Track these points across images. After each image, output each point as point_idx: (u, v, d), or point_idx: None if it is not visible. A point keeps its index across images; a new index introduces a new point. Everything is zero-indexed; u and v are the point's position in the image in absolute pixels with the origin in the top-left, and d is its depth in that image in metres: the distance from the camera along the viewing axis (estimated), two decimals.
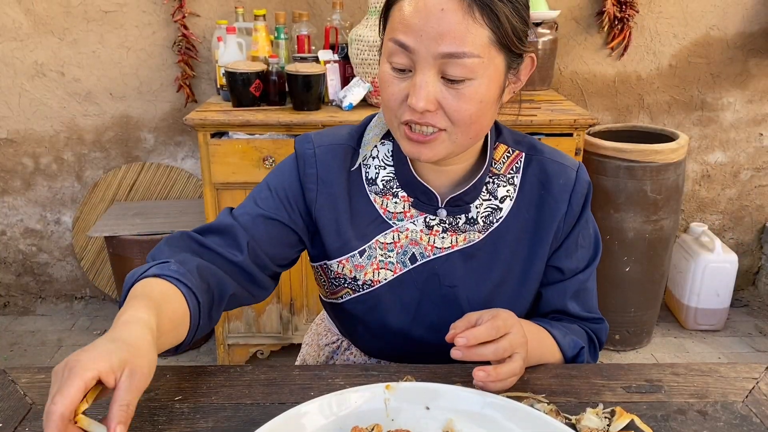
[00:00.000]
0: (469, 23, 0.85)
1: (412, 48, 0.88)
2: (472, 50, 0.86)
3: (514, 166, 1.07)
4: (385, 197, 1.05)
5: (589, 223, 1.10)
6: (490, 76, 0.90)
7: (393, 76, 0.92)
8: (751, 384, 0.97)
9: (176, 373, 0.98)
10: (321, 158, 1.06)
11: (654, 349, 2.76)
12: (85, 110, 2.84)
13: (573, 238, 1.08)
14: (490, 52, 0.88)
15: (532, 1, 2.55)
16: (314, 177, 1.05)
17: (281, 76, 2.36)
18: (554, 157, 1.08)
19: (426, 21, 0.86)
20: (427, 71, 0.88)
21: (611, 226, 2.56)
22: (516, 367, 0.89)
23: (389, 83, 0.93)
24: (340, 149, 1.07)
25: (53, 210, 2.99)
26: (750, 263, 3.19)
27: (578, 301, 1.11)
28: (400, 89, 0.92)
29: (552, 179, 1.06)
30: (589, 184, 1.08)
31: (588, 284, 1.11)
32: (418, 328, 1.09)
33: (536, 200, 1.06)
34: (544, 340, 1.04)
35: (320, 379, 0.97)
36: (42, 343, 2.79)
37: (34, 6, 2.68)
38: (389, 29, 0.92)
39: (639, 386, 0.96)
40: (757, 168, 3.03)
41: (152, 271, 0.91)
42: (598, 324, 1.13)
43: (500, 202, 1.05)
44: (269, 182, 1.08)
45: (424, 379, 0.97)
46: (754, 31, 2.82)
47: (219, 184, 2.26)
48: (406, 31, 0.88)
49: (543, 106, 2.41)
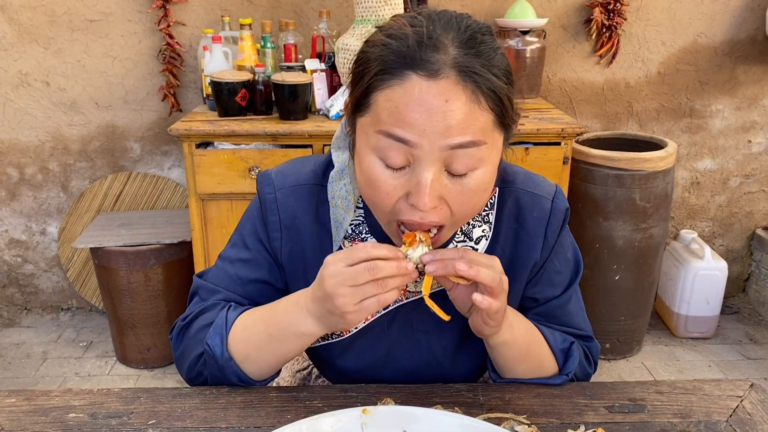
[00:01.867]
0: (475, 110, 0.79)
1: (413, 143, 0.79)
2: (480, 138, 0.80)
3: (489, 203, 1.01)
4: (354, 242, 1.00)
5: (565, 245, 1.05)
6: (493, 160, 0.85)
7: (385, 173, 0.83)
8: (735, 402, 0.95)
9: (151, 396, 0.96)
10: (283, 203, 1.00)
11: (644, 357, 2.75)
12: (71, 120, 2.82)
13: (548, 267, 1.03)
14: (493, 135, 0.83)
15: (519, 9, 2.55)
16: (277, 224, 1.00)
17: (267, 86, 2.34)
18: (527, 186, 1.02)
19: (430, 116, 0.78)
20: (432, 167, 0.80)
21: (600, 234, 2.55)
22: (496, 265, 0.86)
23: (381, 183, 0.83)
24: (304, 190, 1.01)
25: (39, 220, 2.96)
26: (740, 270, 3.19)
27: (554, 321, 1.05)
28: (395, 188, 0.83)
29: (526, 213, 1.01)
30: (566, 211, 1.02)
31: (569, 307, 1.05)
32: (389, 371, 1.05)
33: (511, 236, 1.01)
34: (533, 329, 1.00)
35: (297, 401, 0.95)
36: (27, 355, 2.75)
37: (18, 15, 2.66)
38: (374, 118, 0.82)
39: (622, 405, 0.95)
40: (746, 175, 3.03)
41: (231, 316, 0.96)
42: (587, 342, 1.08)
43: (475, 243, 1.00)
44: (245, 238, 1.04)
45: (404, 400, 0.95)
46: (741, 38, 2.82)
47: (204, 194, 2.24)
48: (404, 125, 0.79)
49: (531, 114, 2.40)
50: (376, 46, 0.83)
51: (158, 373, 2.63)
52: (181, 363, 1.03)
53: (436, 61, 0.78)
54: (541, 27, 2.58)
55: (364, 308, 0.82)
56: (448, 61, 0.79)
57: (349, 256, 0.82)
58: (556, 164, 2.26)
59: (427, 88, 0.78)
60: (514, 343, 0.94)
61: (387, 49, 0.81)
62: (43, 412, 0.93)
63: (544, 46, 2.62)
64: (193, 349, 0.99)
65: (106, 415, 0.92)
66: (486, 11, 2.74)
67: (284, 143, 2.23)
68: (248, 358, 0.95)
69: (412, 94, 0.78)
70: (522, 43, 2.57)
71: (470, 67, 0.79)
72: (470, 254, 0.86)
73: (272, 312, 0.94)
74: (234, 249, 1.05)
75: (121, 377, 2.61)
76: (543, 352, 1.00)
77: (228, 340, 0.94)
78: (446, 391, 0.98)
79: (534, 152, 2.24)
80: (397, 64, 0.79)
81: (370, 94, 0.82)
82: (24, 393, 0.96)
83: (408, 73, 0.79)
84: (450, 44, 0.80)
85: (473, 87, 0.79)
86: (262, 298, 1.03)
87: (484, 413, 0.92)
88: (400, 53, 0.80)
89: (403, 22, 0.83)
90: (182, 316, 1.04)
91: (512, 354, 0.96)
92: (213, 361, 0.95)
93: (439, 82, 0.78)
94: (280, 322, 0.92)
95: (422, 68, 0.78)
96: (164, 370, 2.65)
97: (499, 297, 0.86)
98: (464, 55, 0.80)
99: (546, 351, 1.00)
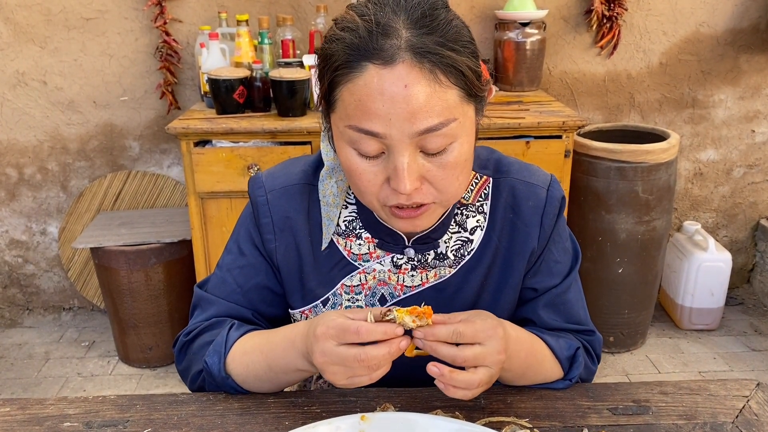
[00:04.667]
0: (437, 90, 0.78)
1: (382, 134, 0.79)
2: (448, 117, 0.80)
3: (483, 192, 1.00)
4: (348, 239, 0.99)
5: (562, 235, 1.03)
6: (467, 131, 0.84)
7: (363, 162, 0.84)
8: (741, 403, 0.94)
9: (147, 403, 0.95)
10: (274, 204, 1.00)
11: (649, 350, 2.73)
12: (69, 119, 2.80)
13: (546, 257, 1.02)
14: (462, 108, 0.82)
15: (519, 1, 2.52)
16: (270, 226, 1.00)
17: (265, 82, 2.32)
18: (522, 176, 1.01)
19: (392, 103, 0.77)
20: (405, 151, 0.80)
21: (603, 227, 2.53)
22: (475, 380, 0.81)
23: (360, 172, 0.84)
24: (295, 190, 1.00)
25: (39, 221, 2.95)
26: (744, 261, 3.17)
27: (555, 312, 1.03)
28: (375, 175, 0.84)
29: (521, 202, 0.99)
30: (561, 200, 1.01)
31: (568, 295, 1.03)
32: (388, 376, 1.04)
33: (507, 226, 1.00)
34: (536, 348, 0.97)
35: (295, 407, 0.93)
36: (29, 356, 2.75)
37: (13, 15, 2.64)
38: (342, 113, 0.82)
39: (626, 407, 0.93)
40: (749, 165, 3.00)
41: (232, 336, 0.95)
42: (588, 336, 1.06)
43: (470, 234, 0.99)
44: (240, 244, 1.03)
45: (404, 404, 0.94)
46: (744, 27, 2.79)
47: (203, 193, 2.23)
48: (370, 117, 0.79)
49: (532, 107, 2.37)
50: (332, 41, 0.82)
51: (161, 372, 2.62)
52: (184, 376, 1.04)
53: (389, 47, 0.78)
54: (541, 18, 2.55)
55: (355, 383, 0.82)
56: (402, 44, 0.78)
57: (339, 335, 0.80)
58: (558, 158, 2.23)
59: (384, 76, 0.77)
60: (509, 369, 0.92)
61: (342, 44, 0.80)
62: (38, 421, 0.91)
63: (544, 37, 2.59)
64: (195, 365, 1.00)
65: (102, 423, 0.91)
66: (485, 3, 2.71)
67: (283, 140, 2.21)
68: (246, 381, 0.95)
69: (371, 84, 0.78)
70: (522, 35, 2.54)
71: (424, 47, 0.78)
72: (463, 329, 0.81)
73: (270, 345, 0.93)
74: (230, 256, 1.04)
75: (124, 377, 2.60)
76: (544, 365, 0.98)
77: (227, 360, 0.95)
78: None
79: (535, 146, 2.22)
80: (353, 57, 0.79)
81: (333, 91, 0.82)
82: (18, 402, 0.95)
83: (365, 64, 0.78)
84: (401, 27, 0.79)
85: (431, 66, 0.78)
86: (263, 305, 1.03)
87: (485, 417, 0.91)
88: (354, 45, 0.79)
89: (354, 12, 0.82)
90: (185, 330, 1.04)
91: (509, 377, 0.95)
92: (211, 379, 0.96)
93: (396, 68, 0.77)
94: (279, 359, 0.91)
95: (377, 57, 0.78)
96: (166, 369, 2.64)
97: (493, 367, 0.83)
98: (417, 35, 0.78)
99: (548, 363, 0.98)
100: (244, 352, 0.95)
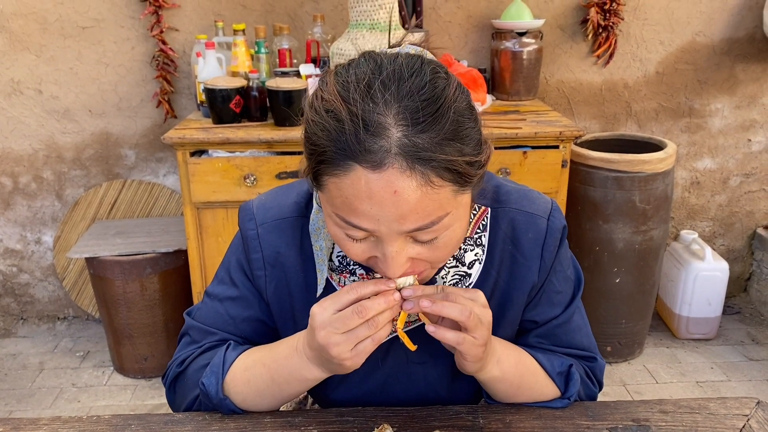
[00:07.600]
0: (429, 192, 0.73)
1: (371, 230, 0.77)
2: (440, 214, 0.76)
3: (480, 224, 0.96)
4: (342, 275, 0.95)
5: (563, 263, 1.00)
6: (461, 216, 0.81)
7: (351, 242, 0.81)
8: (741, 422, 0.93)
9: (142, 423, 0.94)
10: (265, 239, 0.96)
11: (646, 360, 2.73)
12: (64, 128, 2.79)
13: (547, 288, 0.99)
14: (456, 200, 0.77)
15: (516, 10, 2.52)
16: (260, 262, 0.97)
17: (262, 92, 2.32)
18: (522, 206, 0.97)
19: (380, 207, 0.73)
20: (394, 242, 0.78)
21: (600, 237, 2.52)
22: (466, 310, 0.82)
23: (349, 248, 0.81)
24: (287, 224, 0.97)
25: (33, 229, 2.93)
26: (741, 270, 3.17)
27: (554, 340, 1.01)
28: (364, 251, 0.81)
29: (521, 234, 0.96)
30: (563, 229, 0.98)
31: (570, 325, 1.01)
32: (385, 403, 1.01)
33: (507, 259, 0.96)
34: (525, 360, 0.96)
35: (293, 427, 0.92)
36: (23, 366, 2.73)
37: (9, 23, 2.63)
38: (330, 201, 0.78)
39: (626, 427, 0.93)
40: (746, 174, 3.01)
41: (229, 356, 0.94)
42: (590, 362, 1.03)
43: (468, 268, 0.95)
44: (232, 275, 1.01)
45: (402, 423, 0.93)
46: (740, 36, 2.79)
47: (199, 203, 2.22)
48: (357, 215, 0.75)
49: (528, 117, 2.37)
50: (316, 125, 0.76)
51: (156, 383, 2.60)
52: (176, 407, 1.02)
53: (379, 149, 0.71)
54: (538, 28, 2.56)
55: (360, 352, 0.81)
56: (392, 147, 0.71)
57: (336, 301, 0.81)
58: (555, 167, 2.23)
59: (372, 180, 0.72)
60: (503, 378, 0.92)
61: (328, 136, 0.74)
62: None
63: (541, 47, 2.59)
64: (190, 392, 0.98)
65: None
66: (481, 13, 2.71)
67: (280, 150, 2.21)
68: (247, 399, 0.94)
69: (359, 186, 0.73)
70: (519, 44, 2.55)
71: (417, 151, 0.72)
72: (449, 290, 0.84)
73: (273, 355, 0.92)
74: (222, 286, 1.02)
75: (118, 387, 2.58)
76: (538, 380, 0.97)
77: (225, 380, 0.93)
78: (445, 414, 0.95)
79: (532, 156, 2.21)
80: (339, 155, 0.73)
81: (319, 177, 0.78)
82: (11, 421, 0.94)
83: (352, 164, 0.73)
84: (392, 125, 0.72)
85: (423, 170, 0.72)
86: (258, 337, 1.01)
87: None
88: (340, 142, 0.73)
89: (340, 98, 0.74)
90: (176, 361, 1.01)
91: (504, 388, 0.94)
92: (207, 400, 0.94)
93: (385, 172, 0.72)
94: (282, 368, 0.90)
95: (365, 160, 0.72)
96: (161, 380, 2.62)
97: (474, 331, 0.83)
98: (410, 134, 0.72)
99: (542, 379, 0.97)
100: (245, 367, 0.94)
